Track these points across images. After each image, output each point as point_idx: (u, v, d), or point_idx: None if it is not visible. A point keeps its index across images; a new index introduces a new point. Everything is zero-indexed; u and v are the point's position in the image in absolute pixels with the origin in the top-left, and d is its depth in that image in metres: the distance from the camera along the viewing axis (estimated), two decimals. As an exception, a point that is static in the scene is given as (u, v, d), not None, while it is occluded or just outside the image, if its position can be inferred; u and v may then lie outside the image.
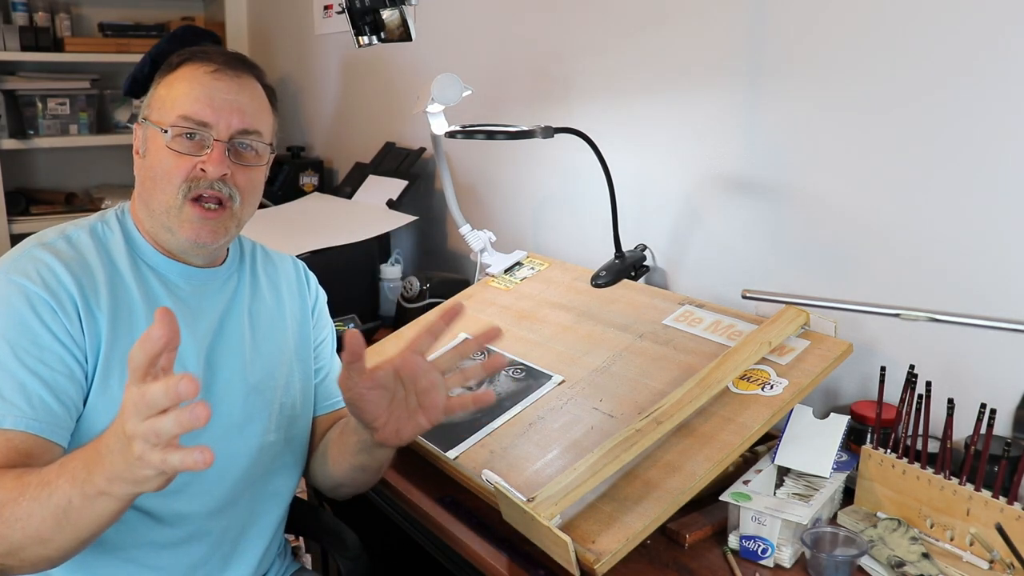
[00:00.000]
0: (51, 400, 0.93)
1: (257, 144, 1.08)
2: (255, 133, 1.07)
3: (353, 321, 1.73)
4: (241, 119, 1.05)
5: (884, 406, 1.12)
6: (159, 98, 1.07)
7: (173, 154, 1.03)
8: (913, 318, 1.08)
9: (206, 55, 1.07)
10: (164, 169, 1.03)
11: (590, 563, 0.93)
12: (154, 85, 1.09)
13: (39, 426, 0.91)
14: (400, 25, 1.49)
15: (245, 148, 1.07)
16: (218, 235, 1.06)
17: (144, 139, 1.08)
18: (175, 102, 1.04)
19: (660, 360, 1.25)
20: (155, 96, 1.08)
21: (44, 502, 0.81)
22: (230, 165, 1.05)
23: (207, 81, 1.05)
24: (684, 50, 1.51)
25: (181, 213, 1.04)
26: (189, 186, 1.03)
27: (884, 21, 1.21)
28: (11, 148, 2.94)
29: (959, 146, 1.15)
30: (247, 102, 1.07)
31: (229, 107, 1.04)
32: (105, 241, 1.06)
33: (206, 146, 1.04)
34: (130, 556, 1.02)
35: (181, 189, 1.03)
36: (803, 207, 1.36)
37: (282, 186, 2.59)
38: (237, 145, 1.06)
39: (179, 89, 1.05)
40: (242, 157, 1.06)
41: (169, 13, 3.34)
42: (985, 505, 0.97)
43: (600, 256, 1.58)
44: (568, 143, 1.50)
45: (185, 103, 1.03)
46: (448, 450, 1.18)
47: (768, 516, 0.98)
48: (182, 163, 1.03)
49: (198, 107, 1.03)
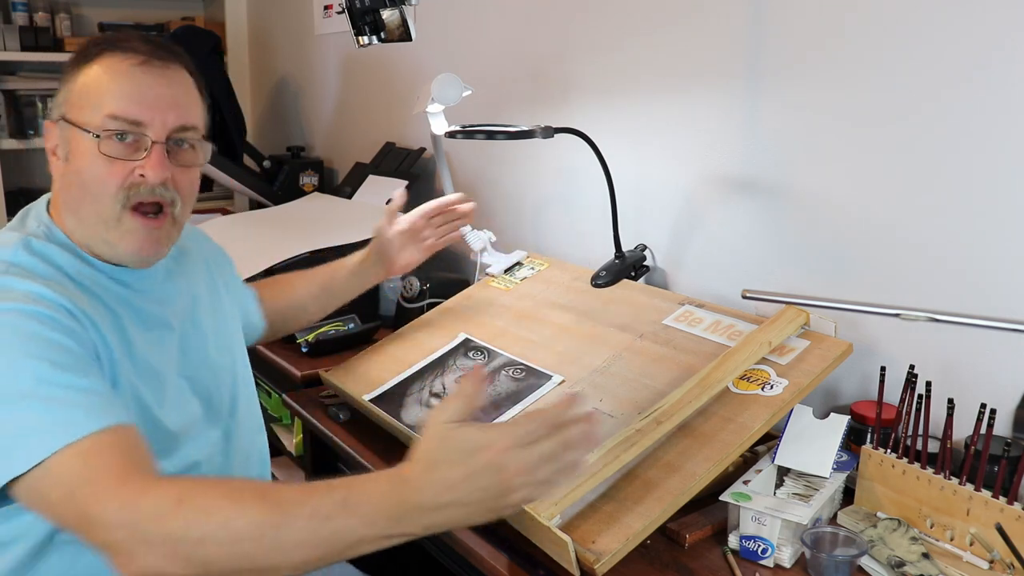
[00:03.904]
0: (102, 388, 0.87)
1: (195, 140, 1.00)
2: (192, 128, 0.99)
3: (353, 321, 1.73)
4: (177, 115, 0.96)
5: (884, 406, 1.12)
6: (78, 94, 0.95)
7: (104, 159, 0.93)
8: (913, 318, 1.08)
9: (127, 43, 0.96)
10: (95, 176, 0.94)
11: (590, 563, 0.93)
12: (68, 77, 0.96)
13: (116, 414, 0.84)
14: (400, 25, 1.49)
15: (183, 146, 0.98)
16: (162, 245, 1.00)
17: (65, 140, 0.96)
18: (100, 99, 0.93)
19: (660, 360, 1.25)
20: (72, 91, 0.96)
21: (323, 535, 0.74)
22: (170, 167, 0.96)
23: (135, 74, 0.94)
24: (684, 50, 1.51)
25: (120, 224, 0.95)
26: (127, 194, 0.95)
27: (885, 22, 1.21)
28: (11, 148, 2.94)
29: (960, 146, 1.15)
30: (181, 95, 0.98)
31: (163, 103, 0.95)
32: (49, 257, 0.95)
33: (142, 148, 0.95)
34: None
35: (118, 199, 0.94)
36: (803, 207, 1.36)
37: (282, 186, 2.59)
38: (175, 143, 0.97)
39: (103, 84, 0.94)
40: (181, 157, 0.98)
41: (169, 13, 3.34)
42: (985, 505, 0.97)
43: (600, 256, 1.58)
44: (568, 143, 1.50)
45: (112, 100, 0.93)
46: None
47: (768, 516, 0.98)
48: (116, 169, 0.94)
49: (128, 104, 0.93)
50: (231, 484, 0.81)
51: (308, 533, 0.74)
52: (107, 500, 0.77)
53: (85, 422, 0.81)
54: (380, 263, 1.43)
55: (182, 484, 0.81)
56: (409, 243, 1.43)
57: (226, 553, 0.75)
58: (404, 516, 0.75)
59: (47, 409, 0.81)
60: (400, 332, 1.55)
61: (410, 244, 1.43)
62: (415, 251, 1.44)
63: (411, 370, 1.39)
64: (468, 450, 0.74)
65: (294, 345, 1.67)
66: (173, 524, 0.75)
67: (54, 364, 0.84)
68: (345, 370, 1.46)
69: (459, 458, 0.74)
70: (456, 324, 1.50)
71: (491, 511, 0.75)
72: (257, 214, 2.36)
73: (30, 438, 0.80)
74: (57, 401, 0.82)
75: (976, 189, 1.14)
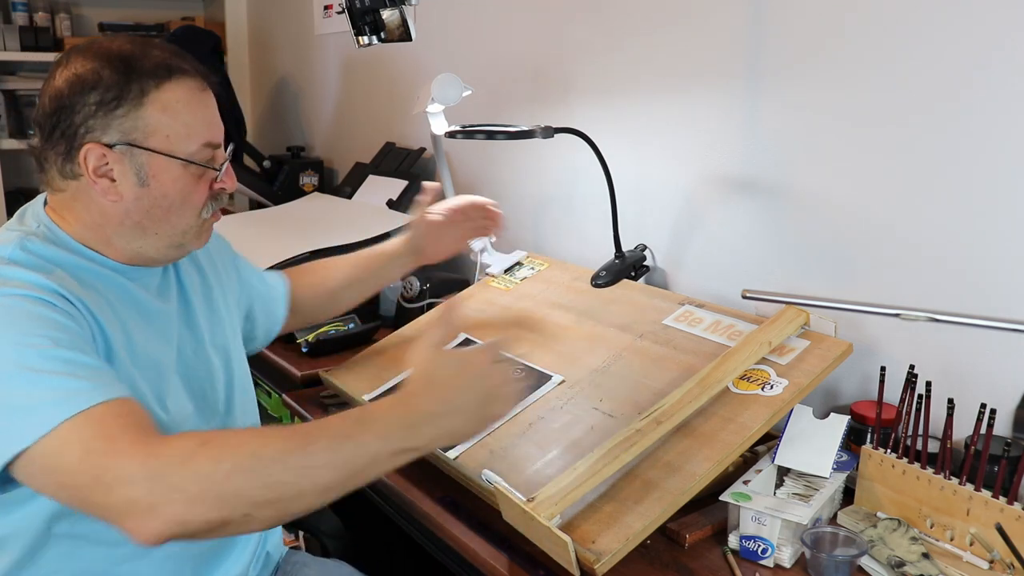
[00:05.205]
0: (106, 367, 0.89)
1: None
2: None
3: (353, 321, 1.73)
4: (221, 129, 1.06)
5: (884, 406, 1.12)
6: (157, 122, 0.97)
7: (193, 179, 1.02)
8: (913, 318, 1.08)
9: (186, 70, 1.01)
10: (184, 196, 1.01)
11: (590, 563, 0.93)
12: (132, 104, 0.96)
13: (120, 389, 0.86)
14: (400, 25, 1.49)
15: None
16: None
17: (143, 167, 0.98)
18: (191, 128, 0.99)
19: (660, 360, 1.25)
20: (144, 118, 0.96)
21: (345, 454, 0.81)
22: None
23: (206, 100, 1.03)
24: (684, 50, 1.51)
25: (202, 229, 1.06)
26: (212, 206, 1.05)
27: (885, 23, 1.21)
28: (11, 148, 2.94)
29: (960, 146, 1.15)
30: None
31: (219, 122, 1.05)
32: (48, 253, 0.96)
33: (216, 163, 1.04)
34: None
35: (205, 210, 1.04)
36: (803, 207, 1.36)
37: (282, 186, 2.59)
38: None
39: (188, 113, 0.99)
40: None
41: (169, 13, 3.34)
42: (985, 505, 0.97)
43: (600, 256, 1.58)
44: (568, 143, 1.50)
45: (203, 129, 1.01)
46: (448, 450, 1.18)
47: (768, 516, 0.98)
48: (202, 185, 1.03)
49: (214, 132, 1.03)
50: (252, 428, 0.87)
51: (330, 453, 0.80)
52: (127, 454, 0.78)
53: (92, 393, 0.82)
54: (414, 252, 1.46)
55: (202, 432, 0.85)
56: (444, 234, 1.46)
57: (255, 482, 0.77)
58: (413, 425, 0.84)
59: (55, 382, 0.82)
60: (400, 332, 1.55)
61: (445, 235, 1.46)
62: (451, 242, 1.48)
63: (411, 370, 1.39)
64: (458, 364, 0.88)
65: (294, 345, 1.67)
66: (200, 462, 0.77)
67: (58, 343, 0.85)
68: (345, 370, 1.46)
69: (452, 371, 0.87)
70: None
71: (483, 419, 0.89)
72: (257, 214, 2.36)
73: (40, 408, 0.81)
74: (64, 375, 0.83)
75: (976, 189, 1.14)
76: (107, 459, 0.78)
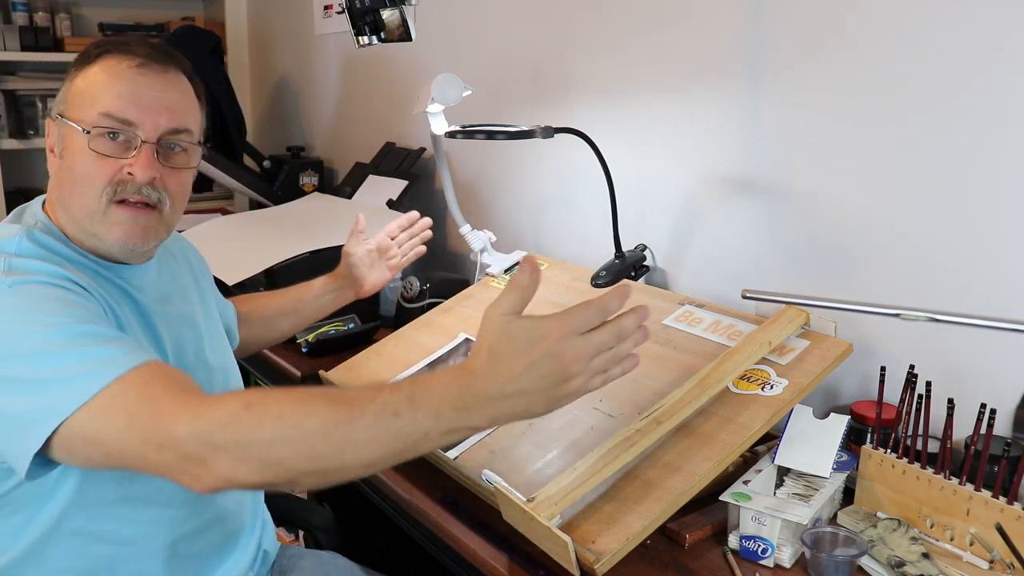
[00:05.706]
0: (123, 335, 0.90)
1: (187, 144, 1.02)
2: (185, 132, 1.01)
3: (353, 321, 1.73)
4: (170, 118, 0.99)
5: (884, 406, 1.12)
6: (76, 92, 0.98)
7: (95, 156, 0.96)
8: (913, 318, 1.08)
9: (128, 47, 0.99)
10: (85, 172, 0.96)
11: (590, 563, 0.93)
12: (69, 77, 1.00)
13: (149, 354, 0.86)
14: (400, 25, 1.49)
15: (174, 148, 1.01)
16: (149, 235, 1.00)
17: (60, 137, 0.99)
18: (95, 98, 0.96)
19: (660, 360, 1.25)
20: (71, 90, 0.99)
21: (392, 431, 0.75)
22: (159, 168, 0.98)
23: (131, 76, 0.97)
24: (684, 50, 1.51)
25: (107, 217, 0.97)
26: (114, 189, 0.97)
27: (885, 23, 1.21)
28: (11, 148, 2.94)
29: (960, 146, 1.15)
30: (176, 99, 1.00)
31: (157, 105, 0.98)
32: (52, 246, 0.97)
33: (132, 147, 0.97)
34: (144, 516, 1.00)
35: (105, 193, 0.97)
36: (803, 207, 1.36)
37: (282, 186, 2.59)
38: (166, 146, 1.00)
39: (99, 84, 0.97)
40: (171, 159, 1.00)
41: (169, 13, 3.34)
42: (985, 505, 0.97)
43: (600, 256, 1.58)
44: (568, 143, 1.50)
45: (107, 100, 0.96)
46: (448, 450, 1.18)
47: (768, 516, 0.98)
48: (105, 166, 0.96)
49: (122, 104, 0.96)
50: (298, 389, 0.81)
51: (377, 430, 0.75)
52: (175, 414, 0.78)
53: (124, 359, 0.82)
54: (348, 285, 1.47)
55: (248, 392, 0.82)
56: (376, 263, 1.49)
57: (297, 453, 0.76)
58: (470, 407, 0.76)
59: (86, 353, 0.82)
60: (400, 332, 1.55)
61: (377, 264, 1.49)
62: (383, 270, 1.50)
63: (411, 370, 1.39)
64: (528, 339, 0.76)
65: (294, 345, 1.67)
66: (243, 428, 0.76)
67: (81, 319, 0.86)
68: (345, 370, 1.46)
69: (521, 348, 0.76)
70: (456, 324, 1.50)
71: (551, 400, 0.77)
72: (257, 214, 2.36)
73: (76, 380, 0.81)
74: (92, 346, 0.84)
75: (976, 189, 1.14)
76: (153, 422, 0.78)
